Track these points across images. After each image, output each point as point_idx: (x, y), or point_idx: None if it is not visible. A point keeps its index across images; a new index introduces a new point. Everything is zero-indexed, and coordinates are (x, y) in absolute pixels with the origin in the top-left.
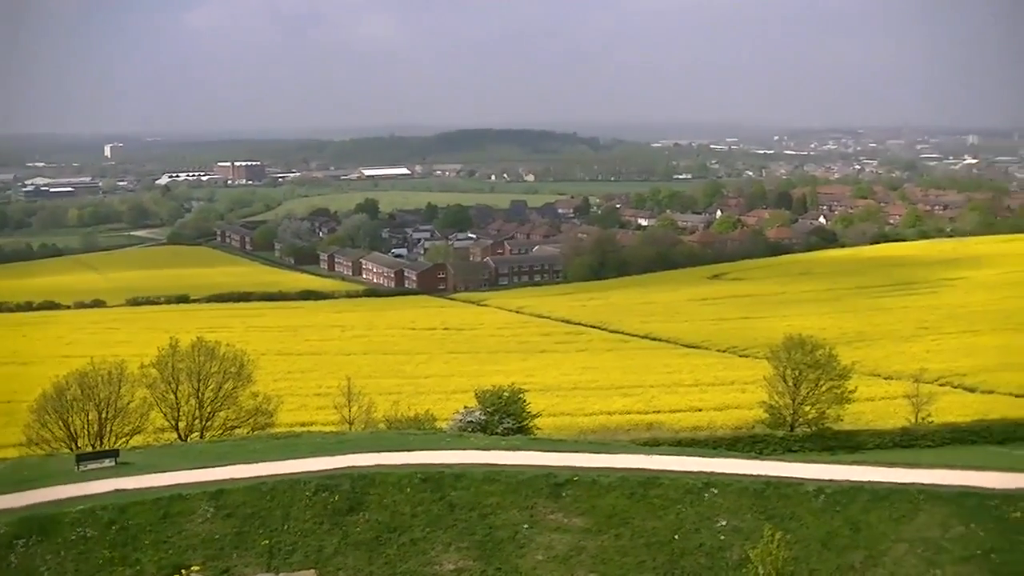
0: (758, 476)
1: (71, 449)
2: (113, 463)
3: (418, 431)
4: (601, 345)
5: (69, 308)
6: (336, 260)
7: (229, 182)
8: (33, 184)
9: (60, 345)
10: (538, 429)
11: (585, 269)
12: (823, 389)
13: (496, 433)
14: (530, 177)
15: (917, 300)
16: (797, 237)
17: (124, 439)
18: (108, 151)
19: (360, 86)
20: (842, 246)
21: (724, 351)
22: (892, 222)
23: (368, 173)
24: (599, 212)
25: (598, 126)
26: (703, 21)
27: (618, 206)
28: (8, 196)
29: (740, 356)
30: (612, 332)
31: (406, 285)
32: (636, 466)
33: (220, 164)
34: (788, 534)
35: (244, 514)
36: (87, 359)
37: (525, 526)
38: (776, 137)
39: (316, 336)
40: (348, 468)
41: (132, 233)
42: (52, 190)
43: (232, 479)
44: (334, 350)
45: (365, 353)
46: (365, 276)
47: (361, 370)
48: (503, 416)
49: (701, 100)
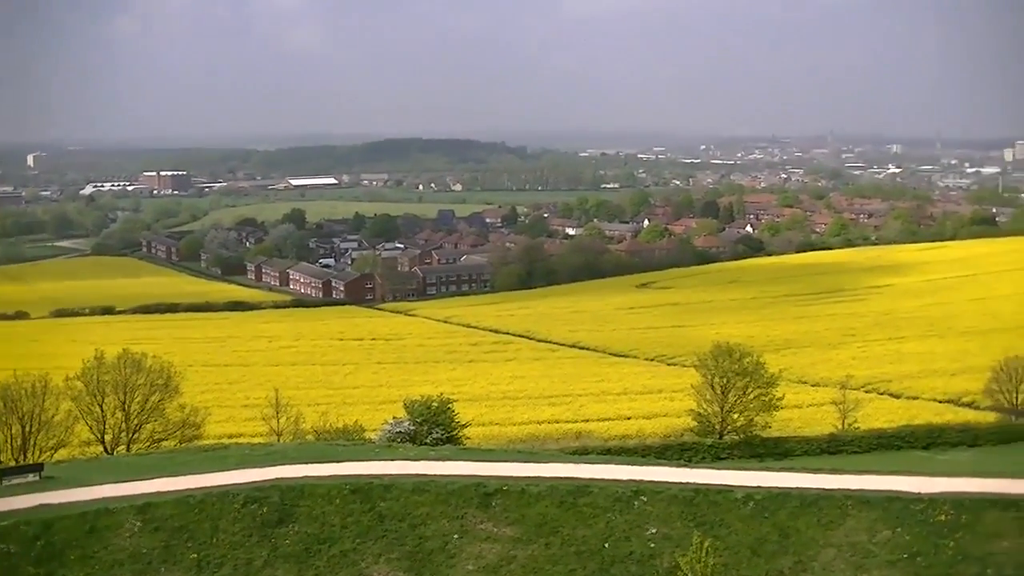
0: (687, 484)
1: None
2: (37, 477)
3: (347, 442)
4: (529, 354)
5: None
6: (263, 270)
7: (155, 192)
8: None
9: None
10: (467, 439)
11: (513, 278)
12: (751, 397)
13: (425, 443)
14: (458, 187)
15: (843, 307)
16: (724, 246)
17: (48, 453)
18: (31, 160)
19: (287, 95)
20: (769, 254)
21: (652, 359)
22: (818, 230)
23: (295, 183)
24: (527, 221)
25: (526, 135)
26: (634, 31)
27: (546, 215)
28: None
29: (668, 364)
30: (540, 341)
31: (334, 295)
32: (566, 475)
33: (146, 174)
34: (718, 541)
35: (172, 528)
36: (10, 372)
37: (455, 536)
38: (703, 146)
39: (243, 347)
40: (277, 480)
41: (56, 244)
42: None
43: (159, 492)
44: (262, 361)
45: (293, 364)
46: (292, 286)
47: (289, 381)
48: (432, 426)
49: (629, 109)
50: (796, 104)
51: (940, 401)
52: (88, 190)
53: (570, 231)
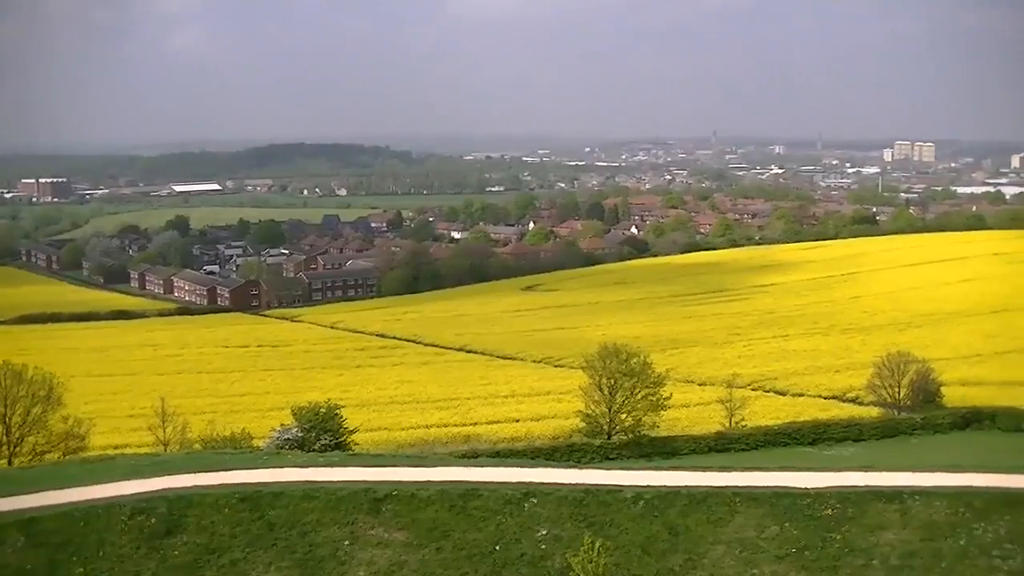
0: (577, 484)
1: None
2: None
3: (235, 450)
4: (416, 358)
5: None
6: (147, 278)
7: (34, 199)
8: None
9: None
10: (356, 445)
11: (399, 283)
12: (639, 397)
13: (314, 450)
14: (342, 191)
15: (728, 307)
16: (610, 247)
17: None
18: None
19: (168, 99)
20: (654, 255)
21: (539, 361)
22: (703, 231)
23: (179, 189)
24: (412, 226)
25: (411, 139)
26: (517, 35)
27: (431, 219)
28: None
29: (556, 366)
30: (427, 345)
31: (219, 302)
32: (455, 479)
33: (24, 181)
34: (608, 541)
35: (56, 542)
36: None
37: (346, 542)
38: (588, 149)
39: (128, 356)
40: (164, 490)
41: None
42: None
43: (43, 506)
44: (147, 370)
45: (179, 372)
46: (177, 294)
47: (175, 390)
48: (320, 432)
49: (514, 113)
50: (680, 106)
51: (825, 397)
52: None
53: (456, 235)
